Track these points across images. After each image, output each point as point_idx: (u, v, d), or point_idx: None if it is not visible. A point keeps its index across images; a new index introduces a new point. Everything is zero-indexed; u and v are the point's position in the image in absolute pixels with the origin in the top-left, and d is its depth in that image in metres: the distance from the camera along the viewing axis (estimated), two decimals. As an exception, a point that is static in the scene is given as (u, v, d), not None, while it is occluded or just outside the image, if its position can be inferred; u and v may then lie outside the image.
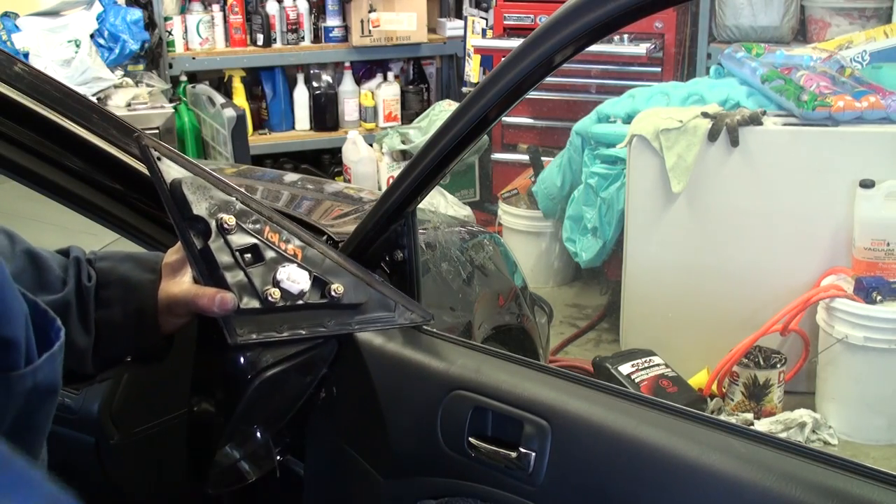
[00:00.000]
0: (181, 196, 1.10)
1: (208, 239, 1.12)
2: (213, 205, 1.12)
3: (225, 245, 1.12)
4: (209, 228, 1.11)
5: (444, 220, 2.32)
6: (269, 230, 1.16)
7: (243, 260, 1.13)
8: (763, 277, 3.10)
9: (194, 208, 1.11)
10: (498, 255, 2.25)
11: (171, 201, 1.11)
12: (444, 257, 1.93)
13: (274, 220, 1.18)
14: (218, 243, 1.12)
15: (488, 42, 4.55)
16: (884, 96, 2.99)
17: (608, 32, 0.99)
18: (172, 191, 1.10)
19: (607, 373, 2.96)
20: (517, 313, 2.18)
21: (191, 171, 1.13)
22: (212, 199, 1.12)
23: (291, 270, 1.15)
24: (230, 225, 1.12)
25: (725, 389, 3.09)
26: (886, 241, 2.89)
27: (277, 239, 1.16)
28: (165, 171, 1.11)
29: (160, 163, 1.10)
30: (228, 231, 1.12)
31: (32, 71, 1.18)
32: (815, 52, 3.53)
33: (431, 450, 1.23)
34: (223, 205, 1.13)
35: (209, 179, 1.13)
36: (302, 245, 1.19)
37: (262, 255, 1.15)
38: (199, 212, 1.11)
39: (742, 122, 3.03)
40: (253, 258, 1.14)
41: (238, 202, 1.15)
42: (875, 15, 3.98)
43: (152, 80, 4.20)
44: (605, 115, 3.57)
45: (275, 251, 1.16)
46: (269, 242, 1.16)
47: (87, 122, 1.20)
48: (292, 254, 1.18)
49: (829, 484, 0.95)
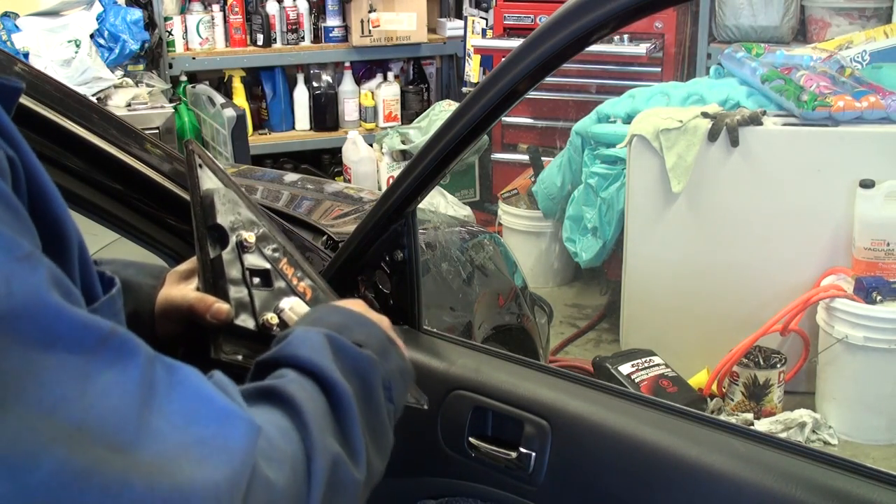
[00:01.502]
0: (210, 203, 1.12)
1: (223, 250, 1.12)
2: (238, 221, 1.13)
3: (237, 260, 1.12)
4: (227, 240, 1.12)
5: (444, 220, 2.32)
6: (286, 263, 1.16)
7: (251, 280, 1.12)
8: (763, 277, 3.10)
9: (219, 218, 1.12)
10: (498, 255, 2.25)
11: (199, 206, 1.12)
12: (444, 257, 1.93)
13: (294, 257, 1.18)
14: (231, 257, 1.12)
15: (488, 42, 4.55)
16: (884, 96, 2.99)
17: (608, 32, 0.99)
18: (203, 197, 1.12)
19: (607, 373, 2.96)
20: (517, 313, 2.18)
21: (227, 185, 1.15)
22: (238, 216, 1.13)
23: (295, 303, 1.13)
24: (249, 243, 1.12)
25: (725, 389, 3.09)
26: (886, 241, 2.89)
27: (291, 273, 1.16)
28: (203, 178, 1.13)
29: (200, 170, 1.13)
30: (246, 249, 1.12)
31: (32, 71, 1.18)
32: (815, 52, 3.53)
33: (431, 450, 1.23)
34: (247, 224, 1.14)
35: (242, 198, 1.15)
36: (313, 286, 1.19)
37: (271, 283, 1.14)
38: (222, 222, 1.12)
39: (742, 122, 3.04)
40: (261, 282, 1.14)
41: (263, 227, 1.15)
42: (875, 15, 3.98)
43: (152, 80, 4.20)
44: (605, 115, 3.57)
45: (285, 283, 1.15)
46: (281, 273, 1.15)
47: (87, 122, 1.20)
48: (301, 291, 1.17)
49: (829, 484, 0.95)
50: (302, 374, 0.80)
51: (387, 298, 1.34)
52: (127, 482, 0.55)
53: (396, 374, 0.94)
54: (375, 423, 0.86)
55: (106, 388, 0.57)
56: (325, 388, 0.80)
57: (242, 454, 0.62)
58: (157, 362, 0.62)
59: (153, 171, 1.28)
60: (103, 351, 0.58)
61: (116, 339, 0.60)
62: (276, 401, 0.74)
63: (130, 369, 0.59)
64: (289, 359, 0.82)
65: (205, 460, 0.59)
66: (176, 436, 0.59)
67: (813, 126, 3.01)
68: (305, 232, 1.53)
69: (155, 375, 0.61)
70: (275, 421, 0.71)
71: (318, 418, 0.75)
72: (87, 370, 0.57)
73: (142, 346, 0.62)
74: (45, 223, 0.63)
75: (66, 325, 0.57)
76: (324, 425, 0.76)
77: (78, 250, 0.67)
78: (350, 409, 0.80)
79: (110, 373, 0.58)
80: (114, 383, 0.58)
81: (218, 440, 0.61)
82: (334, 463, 0.74)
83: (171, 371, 0.63)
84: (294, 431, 0.72)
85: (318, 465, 0.71)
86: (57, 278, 0.59)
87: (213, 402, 0.64)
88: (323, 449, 0.73)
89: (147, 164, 1.27)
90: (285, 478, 0.66)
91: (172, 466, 0.58)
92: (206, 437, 0.61)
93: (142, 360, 0.61)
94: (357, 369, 0.86)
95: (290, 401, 0.74)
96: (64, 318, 0.57)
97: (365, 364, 0.88)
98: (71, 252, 0.66)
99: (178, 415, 0.60)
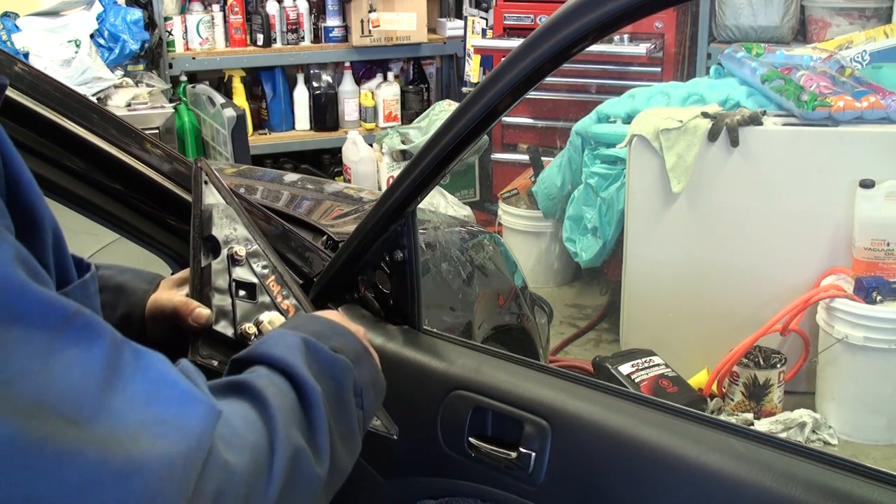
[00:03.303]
0: (209, 216, 1.18)
1: (214, 260, 1.17)
2: (233, 236, 1.19)
3: (226, 271, 1.17)
4: (219, 251, 1.17)
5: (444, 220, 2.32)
6: (274, 280, 1.20)
7: (236, 291, 1.17)
8: (763, 277, 3.10)
9: (214, 230, 1.17)
10: (498, 255, 2.25)
11: (198, 218, 1.17)
12: (444, 257, 1.93)
13: (283, 277, 1.21)
14: (220, 267, 1.17)
15: (488, 42, 4.55)
16: (884, 96, 2.99)
17: (608, 32, 0.99)
18: (203, 210, 1.18)
19: (607, 373, 2.96)
20: (517, 313, 2.18)
21: (229, 203, 1.20)
22: (234, 231, 1.19)
23: (275, 317, 1.18)
24: (240, 257, 1.18)
25: (725, 389, 3.09)
26: (886, 241, 2.89)
27: (277, 290, 1.20)
28: (206, 193, 1.19)
29: (206, 186, 1.20)
30: (236, 262, 1.17)
31: (32, 71, 1.18)
32: (815, 52, 3.53)
33: (431, 450, 1.23)
34: (241, 239, 1.19)
35: (241, 216, 1.20)
36: (297, 306, 1.21)
37: (255, 297, 1.18)
38: (217, 235, 1.17)
39: (742, 122, 3.04)
40: (246, 295, 1.18)
41: (256, 245, 1.20)
42: (875, 15, 3.98)
43: (152, 80, 4.20)
44: (605, 115, 3.57)
45: (270, 299, 1.19)
46: (268, 289, 1.19)
47: (87, 122, 1.20)
48: (285, 308, 1.20)
49: (829, 484, 0.95)
50: (274, 371, 0.83)
51: (387, 298, 1.34)
52: (80, 451, 0.57)
53: (369, 383, 0.97)
54: (344, 425, 0.89)
55: (68, 365, 0.59)
56: (296, 385, 0.83)
57: (199, 434, 0.64)
58: (126, 346, 0.65)
59: (153, 171, 1.28)
60: (67, 329, 0.60)
61: (81, 318, 0.62)
62: (245, 393, 0.77)
63: (95, 349, 0.61)
64: (262, 356, 0.85)
65: (161, 437, 0.61)
66: (135, 414, 0.61)
67: (813, 126, 3.01)
68: (305, 232, 1.53)
69: (121, 358, 0.63)
70: (241, 411, 0.74)
71: (285, 413, 0.78)
72: (51, 347, 0.59)
73: (108, 329, 0.64)
74: (19, 207, 0.65)
75: (31, 302, 0.59)
76: (290, 420, 0.78)
77: (53, 235, 0.69)
78: (318, 408, 0.82)
79: (74, 351, 0.60)
80: (77, 361, 0.60)
81: (177, 420, 0.63)
82: (296, 456, 0.76)
83: (138, 356, 0.65)
84: (259, 422, 0.74)
85: (280, 455, 0.73)
86: (23, 258, 0.61)
87: (176, 385, 0.66)
88: (286, 441, 0.75)
89: (147, 164, 1.27)
90: (245, 464, 0.68)
91: (128, 441, 0.60)
92: (166, 416, 0.63)
93: (107, 342, 0.63)
94: (330, 372, 0.89)
95: (258, 394, 0.77)
96: (28, 295, 0.59)
97: (338, 368, 0.90)
98: (44, 235, 0.67)
99: (139, 395, 0.63)
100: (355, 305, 1.37)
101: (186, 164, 1.34)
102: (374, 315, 1.36)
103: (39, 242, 0.67)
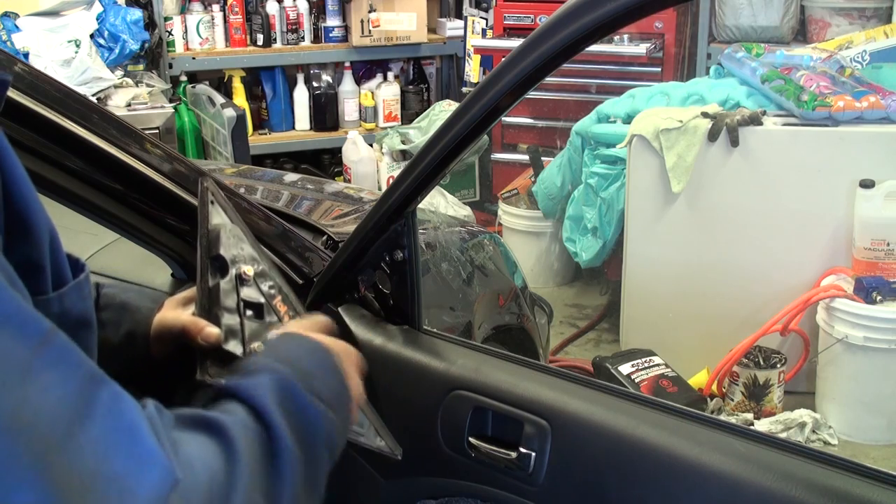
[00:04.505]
0: (216, 236, 1.19)
1: (222, 279, 1.18)
2: (240, 256, 1.20)
3: (234, 291, 1.18)
4: (227, 271, 1.18)
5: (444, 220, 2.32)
6: (280, 300, 1.21)
7: (244, 311, 1.17)
8: (763, 277, 3.10)
9: (222, 250, 1.18)
10: (498, 255, 2.25)
11: (206, 237, 1.19)
12: (444, 257, 1.93)
13: (289, 297, 1.22)
14: (228, 287, 1.17)
15: (488, 42, 4.55)
16: (884, 96, 2.99)
17: (608, 33, 0.99)
18: (210, 230, 1.19)
19: (607, 373, 2.96)
20: (517, 313, 2.18)
21: (235, 223, 1.21)
22: (241, 251, 1.20)
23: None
24: (247, 276, 1.19)
25: (725, 389, 3.09)
26: (886, 241, 2.89)
27: (284, 311, 1.20)
28: (212, 213, 1.20)
29: (212, 206, 1.21)
30: (244, 282, 1.18)
31: (32, 71, 1.18)
32: (815, 52, 3.53)
33: (431, 450, 1.23)
34: (248, 259, 1.20)
35: (247, 237, 1.22)
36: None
37: (263, 316, 1.19)
38: (225, 255, 1.18)
39: (742, 122, 3.03)
40: (254, 314, 1.18)
41: (263, 265, 1.21)
42: (875, 15, 3.98)
43: (152, 80, 4.19)
44: (605, 115, 3.57)
45: (277, 319, 1.19)
46: (275, 309, 1.20)
47: (87, 122, 1.20)
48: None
49: (829, 484, 0.95)
50: (251, 414, 0.80)
51: (387, 298, 1.34)
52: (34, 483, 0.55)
53: (341, 430, 0.94)
54: (312, 477, 0.85)
55: (45, 389, 0.58)
56: (270, 436, 0.79)
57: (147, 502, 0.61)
58: (105, 386, 0.62)
59: (153, 171, 1.28)
60: (46, 351, 0.59)
61: (58, 340, 0.60)
62: (216, 435, 0.73)
63: (71, 378, 0.60)
64: (243, 396, 0.82)
65: (108, 499, 0.59)
66: (91, 461, 0.59)
67: (813, 126, 3.01)
68: (305, 232, 1.53)
69: (97, 396, 0.61)
70: (206, 458, 0.70)
71: (252, 466, 0.74)
72: (30, 365, 0.57)
73: (85, 362, 0.62)
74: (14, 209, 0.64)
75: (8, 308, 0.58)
76: (254, 482, 0.74)
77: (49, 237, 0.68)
78: (286, 468, 0.79)
79: (52, 374, 0.58)
80: (53, 386, 0.58)
81: (128, 481, 0.60)
82: None
83: (116, 399, 0.63)
84: (223, 475, 0.70)
85: None
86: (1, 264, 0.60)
87: (141, 441, 0.63)
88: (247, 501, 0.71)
89: (147, 164, 1.27)
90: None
91: (76, 492, 0.57)
92: (119, 474, 0.60)
93: (84, 373, 0.61)
94: (305, 425, 0.85)
95: (231, 443, 0.73)
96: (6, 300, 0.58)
97: (315, 421, 0.87)
98: (39, 237, 0.67)
99: (102, 441, 0.60)
100: (355, 305, 1.37)
101: (187, 164, 1.34)
102: (374, 315, 1.36)
103: (35, 243, 0.66)
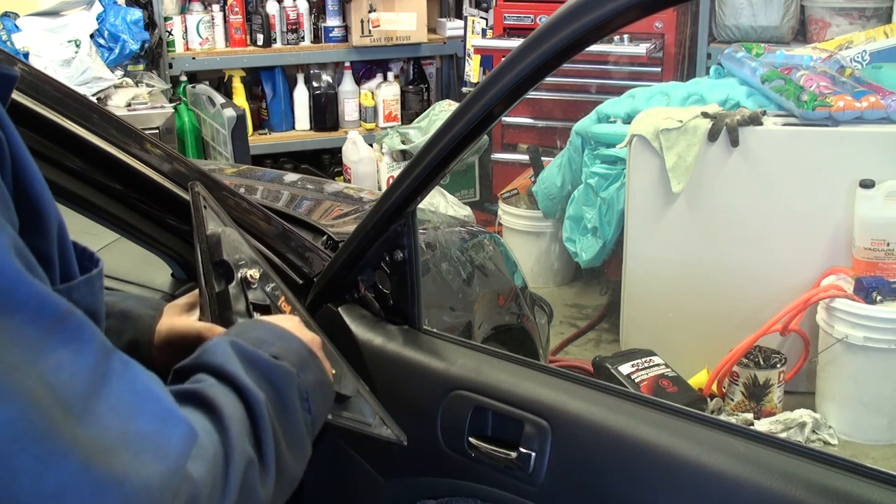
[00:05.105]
0: (216, 242, 1.20)
1: (228, 284, 1.19)
2: (241, 259, 1.21)
3: (242, 295, 1.19)
4: (232, 276, 1.19)
5: (444, 220, 2.32)
6: (284, 300, 1.22)
7: (254, 314, 1.19)
8: (763, 277, 3.10)
9: (224, 255, 1.19)
10: (498, 255, 2.25)
11: (205, 243, 1.20)
12: (444, 257, 1.93)
13: (289, 297, 1.23)
14: (236, 291, 1.19)
15: (488, 42, 4.55)
16: (884, 96, 2.99)
17: (608, 32, 0.99)
18: (209, 236, 1.20)
19: (607, 373, 2.96)
20: (517, 313, 2.18)
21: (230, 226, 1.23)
22: (241, 254, 1.21)
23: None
24: (253, 279, 1.20)
25: (725, 389, 3.09)
26: (886, 241, 2.89)
27: (289, 311, 1.22)
28: (207, 218, 1.22)
29: (205, 210, 1.22)
30: (250, 285, 1.20)
31: (32, 71, 1.18)
32: (815, 52, 3.53)
33: (431, 450, 1.23)
34: (249, 262, 1.22)
35: (246, 241, 1.23)
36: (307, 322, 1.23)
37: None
38: (228, 260, 1.20)
39: (742, 122, 3.03)
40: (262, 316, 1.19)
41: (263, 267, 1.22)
42: (875, 15, 3.98)
43: (152, 80, 4.19)
44: (605, 115, 3.57)
45: None
46: (280, 310, 1.21)
47: (87, 122, 1.20)
48: None
49: (829, 484, 0.95)
50: (218, 380, 0.83)
51: (387, 298, 1.34)
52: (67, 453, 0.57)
53: (315, 387, 0.97)
54: (291, 431, 0.88)
55: (58, 366, 0.59)
56: (240, 394, 0.82)
57: (177, 456, 0.64)
58: (114, 355, 0.65)
59: (153, 171, 1.28)
60: (59, 329, 0.60)
61: (73, 319, 0.61)
62: (199, 403, 0.77)
63: (84, 353, 0.61)
64: (204, 365, 0.85)
65: (142, 454, 0.61)
66: (117, 424, 0.61)
67: (813, 126, 3.01)
68: (305, 232, 1.53)
69: (109, 366, 0.63)
70: (199, 422, 0.73)
71: (237, 423, 0.78)
72: (42, 345, 0.59)
73: (98, 335, 0.64)
74: (26, 201, 0.65)
75: (25, 294, 0.59)
76: (241, 431, 0.78)
77: (57, 230, 0.69)
78: (262, 416, 0.82)
79: (64, 352, 0.60)
80: (67, 362, 0.60)
81: (157, 438, 0.63)
82: (248, 467, 0.76)
83: (126, 365, 0.65)
84: (215, 434, 0.74)
85: (235, 468, 0.73)
86: (20, 249, 0.61)
87: (159, 401, 0.66)
88: (240, 453, 0.75)
89: (147, 164, 1.27)
90: (205, 475, 0.68)
91: (110, 453, 0.59)
92: (147, 432, 0.63)
93: (97, 347, 0.63)
94: (269, 379, 0.88)
95: (212, 404, 0.77)
96: (23, 287, 0.59)
97: (277, 374, 0.90)
98: (49, 229, 0.68)
99: (123, 405, 0.62)
100: (355, 305, 1.37)
101: (186, 164, 1.34)
102: (374, 315, 1.36)
103: (44, 235, 0.67)
